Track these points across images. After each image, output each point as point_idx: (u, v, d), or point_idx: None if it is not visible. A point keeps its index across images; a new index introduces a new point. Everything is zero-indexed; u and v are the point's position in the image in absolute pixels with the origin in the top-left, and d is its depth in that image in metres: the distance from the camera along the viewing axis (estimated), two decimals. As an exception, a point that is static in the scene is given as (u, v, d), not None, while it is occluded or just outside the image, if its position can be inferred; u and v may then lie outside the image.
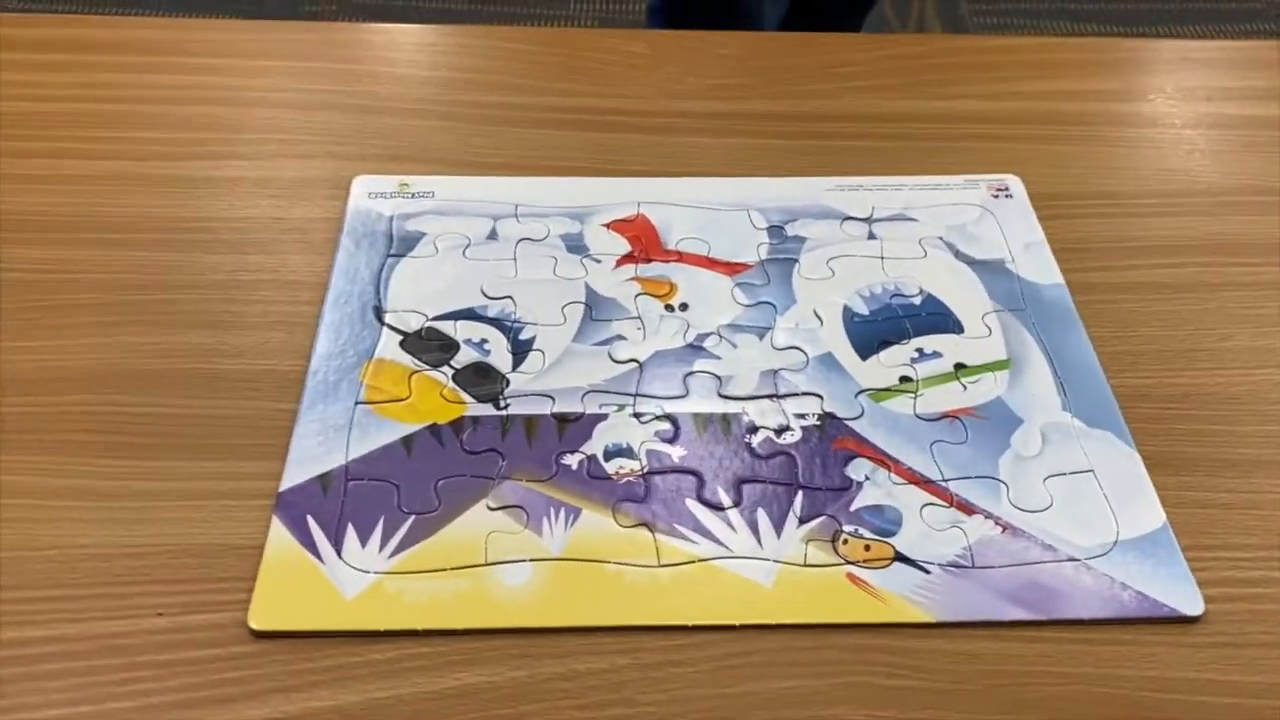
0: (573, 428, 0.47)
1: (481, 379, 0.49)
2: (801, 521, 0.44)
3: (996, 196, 0.59)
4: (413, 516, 0.44)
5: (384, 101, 0.66)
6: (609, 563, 0.43)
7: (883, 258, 0.55)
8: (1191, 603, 0.42)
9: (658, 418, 0.48)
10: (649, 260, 0.55)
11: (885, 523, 0.44)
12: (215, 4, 2.11)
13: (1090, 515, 0.45)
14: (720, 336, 0.51)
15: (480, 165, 0.62)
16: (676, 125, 0.65)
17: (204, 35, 0.72)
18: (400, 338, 0.51)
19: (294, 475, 0.45)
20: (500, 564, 0.42)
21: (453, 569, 0.42)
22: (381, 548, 0.43)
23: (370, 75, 0.68)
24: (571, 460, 0.46)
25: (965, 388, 0.50)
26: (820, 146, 0.64)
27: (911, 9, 2.35)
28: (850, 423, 0.48)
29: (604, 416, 0.48)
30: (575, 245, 0.56)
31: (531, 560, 0.42)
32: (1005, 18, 2.29)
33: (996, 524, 0.44)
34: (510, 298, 0.53)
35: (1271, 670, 0.41)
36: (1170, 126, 0.66)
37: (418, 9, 2.25)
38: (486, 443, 0.46)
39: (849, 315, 0.53)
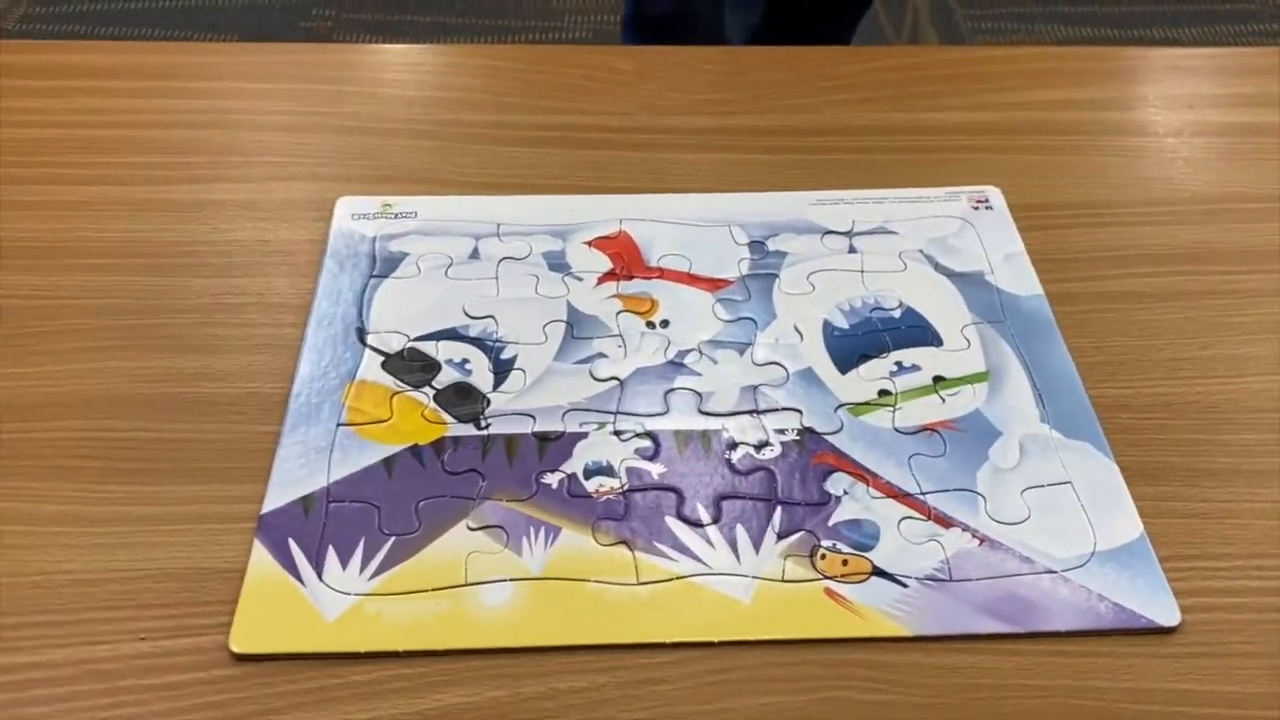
0: (553, 447, 0.47)
1: (463, 399, 0.49)
2: (780, 537, 0.44)
3: (977, 208, 0.60)
4: (393, 538, 0.44)
5: (369, 122, 0.66)
6: (589, 581, 0.43)
7: (863, 271, 0.56)
8: (1168, 613, 0.42)
9: (638, 435, 0.48)
10: (630, 277, 0.56)
11: (863, 537, 0.45)
12: (215, 21, 2.12)
13: (1067, 527, 0.45)
14: (701, 353, 0.52)
15: (464, 184, 0.62)
16: (660, 141, 0.65)
17: (193, 59, 0.73)
18: (382, 359, 0.51)
19: (276, 498, 0.45)
20: (480, 584, 0.42)
21: (433, 590, 0.42)
22: (362, 569, 0.43)
23: (355, 96, 0.68)
24: (552, 479, 0.46)
25: (944, 400, 0.50)
26: (803, 160, 0.64)
27: (906, 16, 2.35)
28: (829, 437, 0.48)
29: (584, 435, 0.48)
30: (557, 263, 0.56)
31: (511, 580, 0.43)
32: (1000, 22, 2.29)
33: (974, 537, 0.45)
34: (492, 317, 0.53)
35: (1249, 680, 0.41)
36: (1153, 135, 0.66)
37: (413, 24, 2.26)
38: (467, 463, 0.47)
39: (829, 330, 0.53)
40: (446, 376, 0.50)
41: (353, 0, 2.26)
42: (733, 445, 0.48)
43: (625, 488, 0.46)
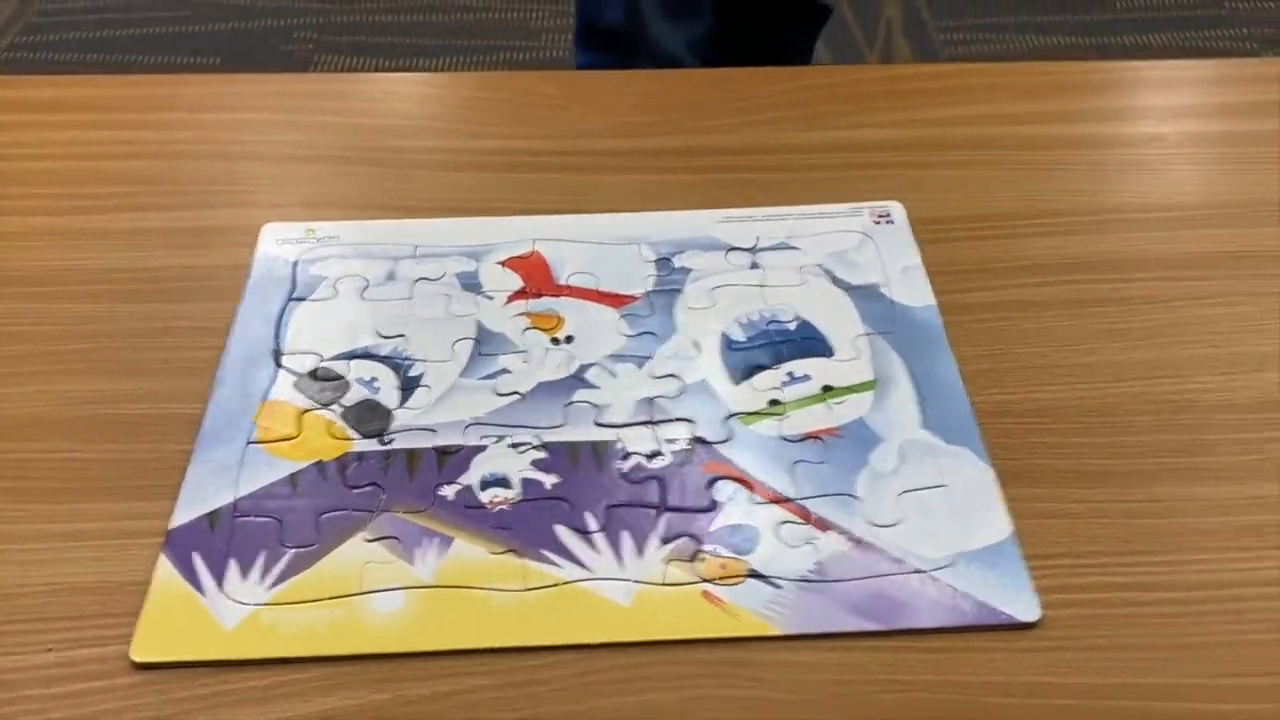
0: (452, 460, 0.50)
1: (369, 416, 0.51)
2: (664, 542, 0.46)
3: (879, 223, 0.62)
4: (293, 550, 0.46)
5: (298, 150, 0.69)
6: (476, 589, 0.45)
7: (763, 286, 0.58)
8: (1029, 609, 0.44)
9: (535, 447, 0.50)
10: (540, 295, 0.58)
11: (743, 541, 0.47)
12: (198, 46, 2.16)
13: (939, 528, 0.47)
14: (602, 367, 0.54)
15: (391, 209, 0.64)
16: (581, 163, 0.67)
17: (133, 92, 0.75)
18: (295, 379, 0.53)
19: (184, 514, 0.47)
20: (372, 593, 0.45)
21: (328, 599, 0.44)
22: (261, 580, 0.45)
23: (286, 125, 0.70)
24: (449, 491, 0.48)
25: (830, 409, 0.52)
26: (717, 180, 0.66)
27: (879, 30, 2.38)
28: (718, 446, 0.50)
29: (483, 448, 0.50)
30: (470, 283, 0.58)
31: (403, 588, 0.45)
32: (972, 33, 2.32)
33: (849, 539, 0.47)
34: (403, 336, 0.55)
35: (1106, 671, 0.43)
36: (1053, 149, 0.68)
37: (392, 45, 2.30)
38: (368, 477, 0.49)
39: (726, 342, 0.55)
40: (355, 394, 0.52)
41: (334, 23, 2.30)
42: (625, 455, 0.50)
43: (519, 498, 0.48)
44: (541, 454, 0.50)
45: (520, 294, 0.58)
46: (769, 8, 1.49)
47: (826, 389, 0.53)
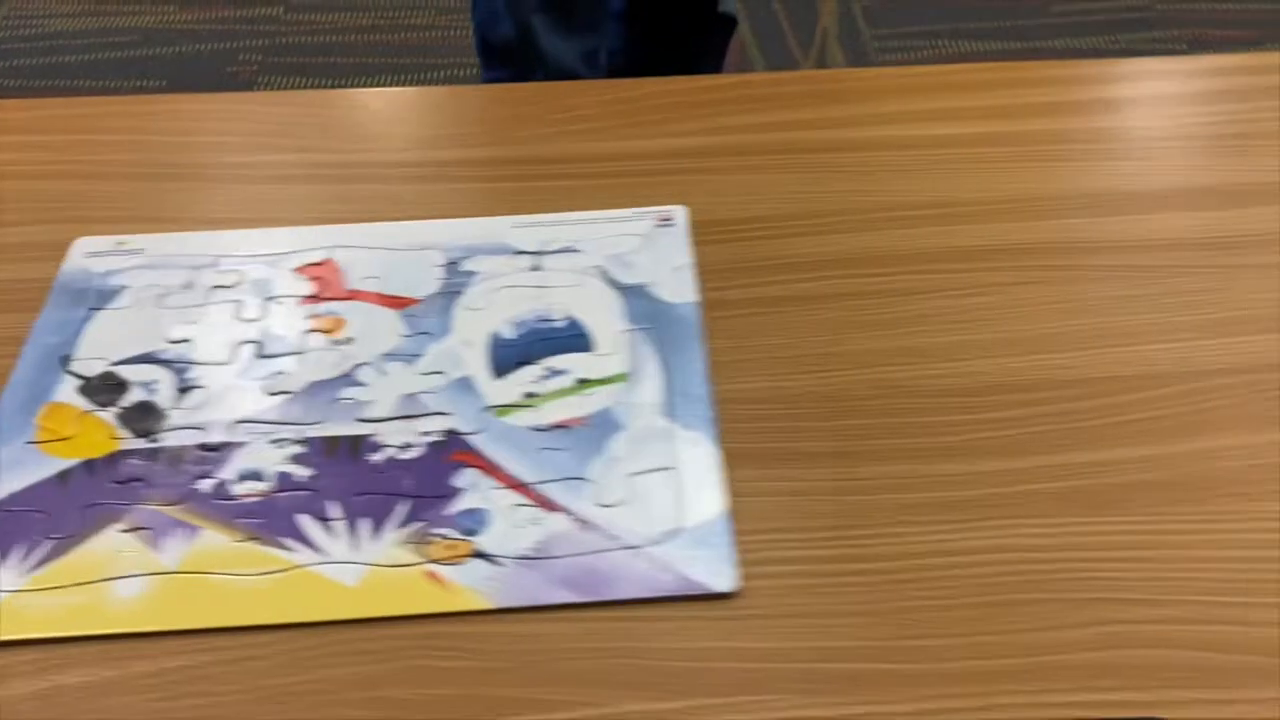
0: (214, 456, 0.53)
1: (143, 416, 0.55)
2: (401, 527, 0.50)
3: (660, 226, 0.65)
4: (53, 541, 0.49)
5: (119, 167, 0.71)
6: (216, 574, 0.48)
7: (541, 287, 0.61)
8: (725, 580, 0.47)
9: (295, 442, 0.53)
10: (329, 300, 0.61)
11: (475, 523, 0.50)
12: (144, 70, 2.20)
13: (659, 508, 0.50)
14: (374, 366, 0.57)
15: (204, 222, 0.67)
16: (387, 175, 0.70)
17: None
18: (80, 383, 0.56)
19: (-45, 510, 0.51)
20: (117, 579, 0.48)
21: (74, 585, 0.48)
22: (19, 567, 0.48)
23: (107, 145, 0.73)
24: (206, 485, 0.51)
25: (582, 400, 0.55)
26: (519, 189, 0.69)
27: (815, 38, 2.42)
28: (470, 437, 0.53)
29: (245, 444, 0.53)
30: (263, 290, 0.61)
31: (146, 575, 0.48)
32: (907, 40, 2.36)
33: (574, 519, 0.50)
34: (189, 341, 0.58)
35: (798, 636, 0.46)
36: (835, 152, 0.70)
37: (335, 65, 2.33)
38: (132, 473, 0.52)
39: (496, 340, 0.58)
40: (133, 396, 0.56)
41: (279, 45, 2.34)
42: (377, 448, 0.53)
43: (272, 490, 0.51)
44: (301, 449, 0.53)
45: (310, 299, 0.61)
46: (668, 20, 1.53)
47: (582, 382, 0.56)
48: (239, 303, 0.61)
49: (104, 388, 0.56)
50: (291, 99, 0.85)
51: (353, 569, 0.48)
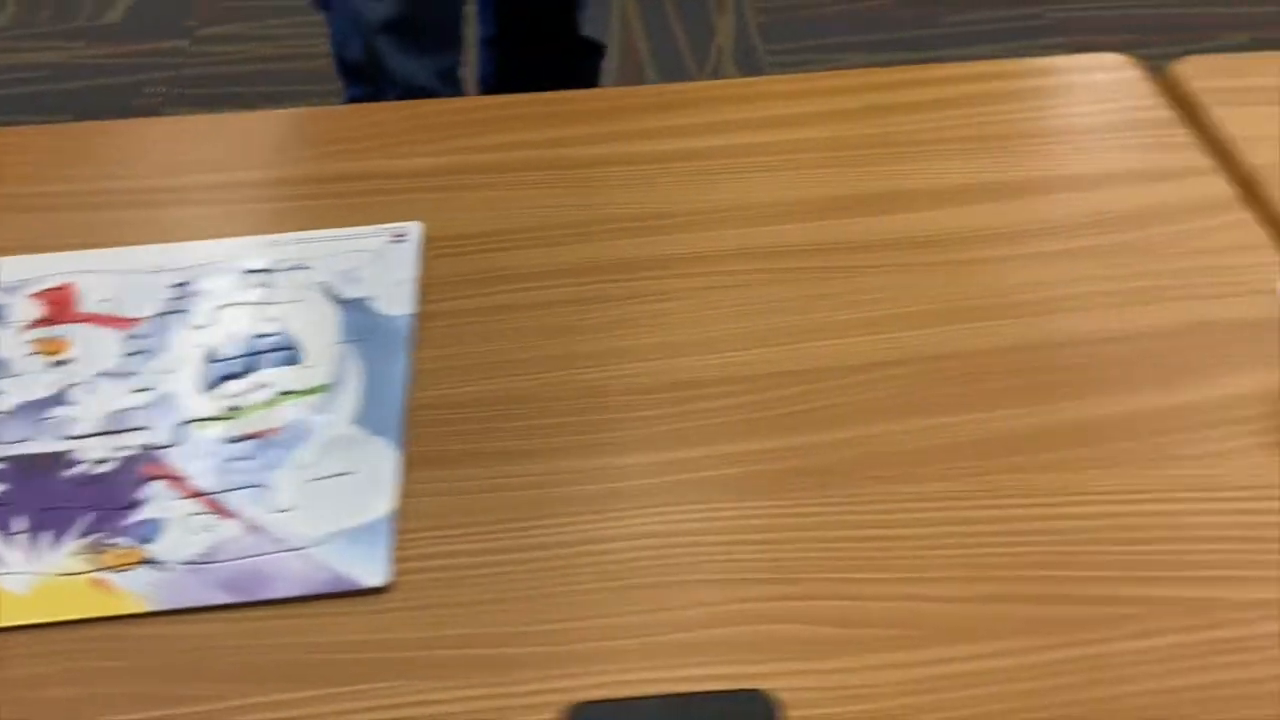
0: (-87, 476, 0.55)
1: None
2: (81, 538, 0.52)
3: (393, 242, 0.67)
4: None
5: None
6: (-108, 587, 0.50)
7: (263, 304, 0.63)
8: (376, 576, 0.50)
9: (-5, 460, 0.55)
10: (57, 323, 0.63)
11: (150, 532, 0.52)
12: (53, 105, 2.21)
13: (330, 511, 0.52)
14: (87, 385, 0.59)
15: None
16: (136, 200, 0.72)
17: None
18: None
19: None
20: None
21: None
22: None
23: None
24: (-102, 504, 0.53)
25: (279, 411, 0.57)
26: (266, 210, 0.71)
27: (710, 54, 2.46)
28: (163, 450, 0.55)
29: (-54, 463, 0.55)
30: (-3, 316, 0.64)
31: None
32: (802, 55, 2.41)
33: (246, 525, 0.52)
34: (-89, 367, 0.60)
35: (450, 624, 0.48)
36: (598, 166, 0.73)
37: (242, 95, 2.36)
38: None
39: (209, 356, 0.60)
40: None
41: (186, 76, 2.36)
42: (73, 464, 0.55)
43: (-35, 506, 0.53)
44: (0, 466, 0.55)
45: (40, 323, 0.63)
46: (534, 46, 1.56)
47: (284, 394, 0.58)
48: (-34, 329, 0.63)
49: None
50: (75, 132, 0.87)
51: (24, 578, 0.50)
